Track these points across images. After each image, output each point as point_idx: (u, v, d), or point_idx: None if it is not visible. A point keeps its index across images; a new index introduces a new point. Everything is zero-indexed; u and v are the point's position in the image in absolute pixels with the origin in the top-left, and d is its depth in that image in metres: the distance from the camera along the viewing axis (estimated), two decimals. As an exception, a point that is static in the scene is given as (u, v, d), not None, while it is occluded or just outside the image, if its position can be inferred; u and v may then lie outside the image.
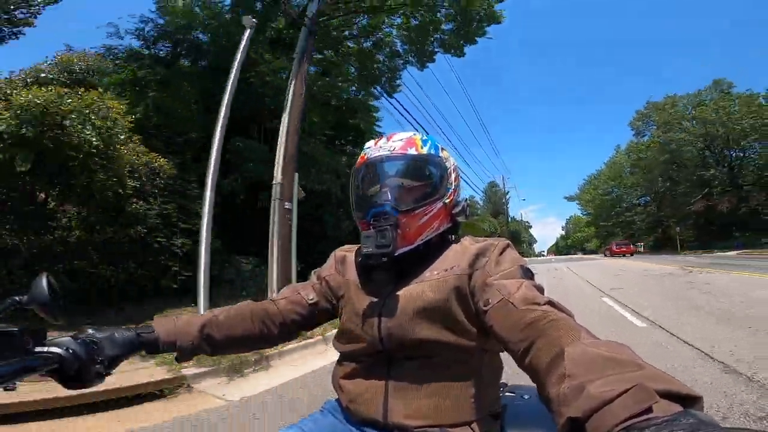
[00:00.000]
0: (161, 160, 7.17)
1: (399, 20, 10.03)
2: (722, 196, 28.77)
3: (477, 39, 9.95)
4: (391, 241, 0.76)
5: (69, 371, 0.63)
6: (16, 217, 5.68)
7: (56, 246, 5.82)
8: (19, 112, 4.70)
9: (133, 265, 6.22)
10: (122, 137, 5.84)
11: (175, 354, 0.82)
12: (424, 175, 0.85)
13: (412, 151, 0.85)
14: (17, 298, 0.67)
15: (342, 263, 0.94)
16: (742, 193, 28.28)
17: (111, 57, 10.07)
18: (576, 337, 0.51)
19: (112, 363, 0.71)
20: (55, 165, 5.23)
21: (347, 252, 0.96)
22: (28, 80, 7.47)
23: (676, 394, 0.36)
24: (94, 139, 5.07)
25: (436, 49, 10.41)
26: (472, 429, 0.74)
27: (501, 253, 0.80)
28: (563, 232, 73.95)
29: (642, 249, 26.83)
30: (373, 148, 0.88)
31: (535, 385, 0.52)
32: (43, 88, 5.06)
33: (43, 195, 6.10)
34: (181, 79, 10.11)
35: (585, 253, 46.58)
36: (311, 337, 4.61)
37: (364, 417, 0.78)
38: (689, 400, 0.36)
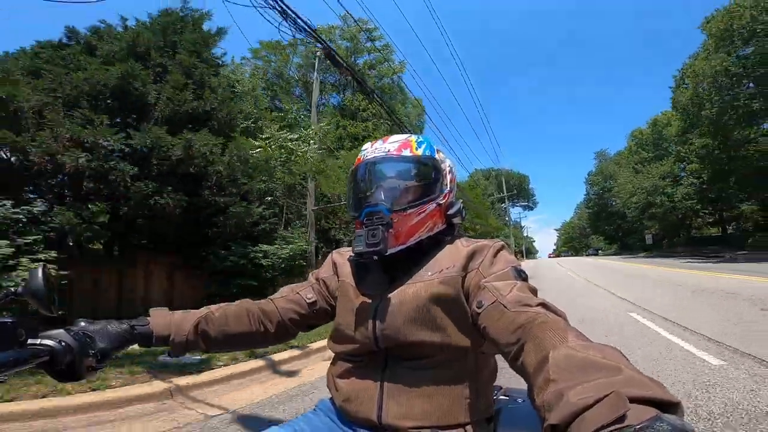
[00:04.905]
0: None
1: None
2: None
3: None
4: (381, 239, 0.76)
5: (60, 364, 0.63)
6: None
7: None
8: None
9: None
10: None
11: (168, 348, 0.82)
12: (418, 176, 0.85)
13: (407, 153, 0.86)
14: (13, 289, 0.67)
15: (338, 264, 0.94)
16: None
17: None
18: (563, 339, 0.51)
19: (105, 356, 0.70)
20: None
21: (343, 253, 0.95)
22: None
23: (653, 399, 0.36)
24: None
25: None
26: (465, 431, 0.73)
27: (495, 255, 0.79)
28: (554, 247, 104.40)
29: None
30: (369, 150, 0.89)
31: None
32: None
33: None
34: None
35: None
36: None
37: (358, 417, 0.77)
38: (666, 406, 0.36)
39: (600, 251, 57.57)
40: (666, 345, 4.05)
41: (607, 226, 50.27)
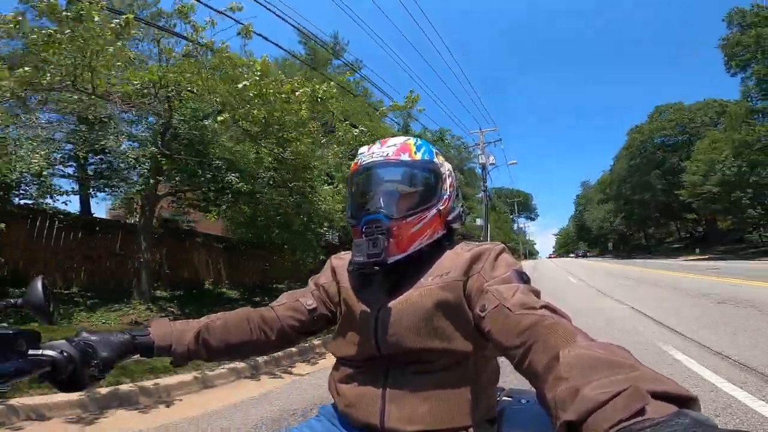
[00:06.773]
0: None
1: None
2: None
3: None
4: (382, 249, 0.75)
5: (62, 374, 0.63)
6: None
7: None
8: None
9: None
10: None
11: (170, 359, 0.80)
12: (418, 182, 0.84)
13: (406, 157, 0.84)
14: (12, 300, 0.65)
15: (337, 270, 0.93)
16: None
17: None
18: (571, 340, 0.51)
19: (107, 366, 0.69)
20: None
21: (342, 259, 0.94)
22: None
23: (671, 395, 0.36)
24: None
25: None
26: None
27: (496, 258, 0.78)
28: (553, 249, 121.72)
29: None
30: (366, 154, 0.87)
31: (532, 389, 0.52)
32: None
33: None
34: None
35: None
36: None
37: (361, 421, 0.76)
38: (684, 401, 0.36)
39: (588, 253, 73.33)
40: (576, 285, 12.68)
41: (587, 235, 72.37)
